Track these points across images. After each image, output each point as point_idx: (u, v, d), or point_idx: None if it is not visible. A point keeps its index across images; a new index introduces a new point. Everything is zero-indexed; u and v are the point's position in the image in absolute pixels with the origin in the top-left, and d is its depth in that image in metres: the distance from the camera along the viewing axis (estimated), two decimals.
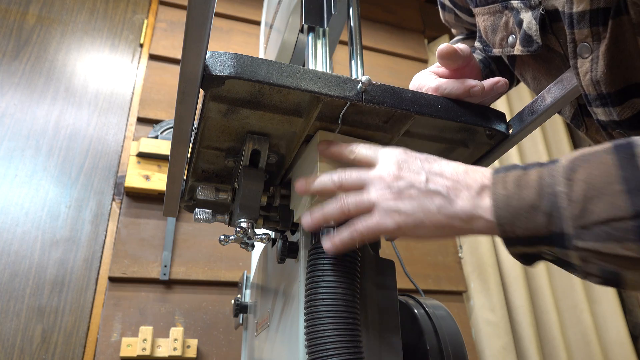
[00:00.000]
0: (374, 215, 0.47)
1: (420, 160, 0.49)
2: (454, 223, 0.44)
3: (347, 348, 0.47)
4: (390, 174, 0.48)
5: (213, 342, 1.34)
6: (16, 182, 1.39)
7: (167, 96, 1.64)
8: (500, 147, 0.63)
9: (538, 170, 0.41)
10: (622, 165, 0.36)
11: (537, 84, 0.61)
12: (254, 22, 1.91)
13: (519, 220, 0.40)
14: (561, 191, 0.38)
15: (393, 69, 2.09)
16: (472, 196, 0.43)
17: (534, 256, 0.42)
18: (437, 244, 1.78)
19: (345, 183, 0.50)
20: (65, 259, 1.34)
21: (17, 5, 1.65)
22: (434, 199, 0.45)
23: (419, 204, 0.45)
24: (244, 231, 0.61)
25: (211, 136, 0.61)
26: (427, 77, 0.62)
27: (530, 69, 0.60)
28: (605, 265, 0.36)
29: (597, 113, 0.47)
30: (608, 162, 0.37)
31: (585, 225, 0.36)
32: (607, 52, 0.42)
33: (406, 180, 0.47)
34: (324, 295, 0.49)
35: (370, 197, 0.48)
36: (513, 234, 0.40)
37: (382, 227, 0.46)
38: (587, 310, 1.79)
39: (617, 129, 0.48)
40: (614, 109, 0.44)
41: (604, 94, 0.44)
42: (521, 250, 0.41)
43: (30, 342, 1.22)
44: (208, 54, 0.47)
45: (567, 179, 0.38)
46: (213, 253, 1.45)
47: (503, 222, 0.41)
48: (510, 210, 0.40)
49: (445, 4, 0.77)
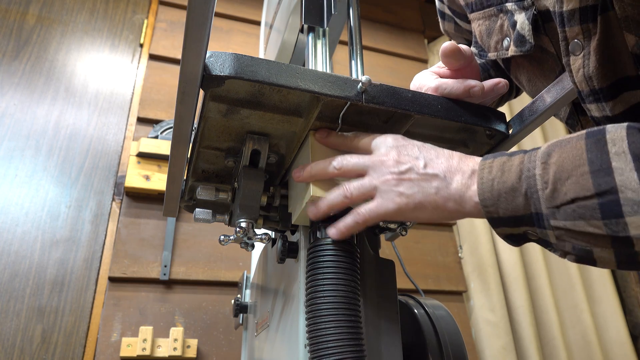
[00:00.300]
0: (376, 199, 0.49)
1: (417, 146, 0.51)
2: (449, 205, 0.46)
3: (350, 346, 0.47)
4: (391, 159, 0.50)
5: (213, 342, 1.34)
6: (16, 182, 1.39)
7: (167, 96, 1.64)
8: (500, 147, 0.63)
9: (521, 156, 0.44)
10: (590, 149, 0.39)
11: (532, 86, 0.61)
12: (254, 22, 1.91)
13: (501, 202, 0.43)
14: (538, 174, 0.41)
15: (393, 69, 2.09)
16: (464, 179, 0.46)
17: (520, 237, 0.44)
18: (437, 244, 1.78)
19: (345, 167, 0.52)
20: (65, 259, 1.34)
21: (17, 5, 1.65)
22: (432, 181, 0.47)
23: (418, 187, 0.47)
24: (244, 231, 0.61)
25: (211, 136, 0.61)
26: (427, 77, 0.62)
27: (525, 72, 0.61)
28: (577, 243, 0.39)
29: (591, 109, 0.48)
30: (579, 147, 0.40)
31: (557, 205, 0.39)
32: (598, 48, 0.44)
33: (406, 164, 0.49)
34: (325, 293, 0.49)
35: (372, 181, 0.50)
36: (497, 214, 0.43)
37: (383, 209, 0.48)
38: (587, 310, 1.79)
39: (611, 124, 0.49)
40: (607, 104, 0.45)
41: (597, 90, 0.45)
42: (506, 231, 0.44)
43: (30, 342, 1.22)
44: (208, 54, 0.47)
45: (543, 163, 0.41)
46: (213, 253, 1.45)
47: (487, 204, 0.44)
48: (494, 192, 0.43)
49: (445, 12, 0.77)
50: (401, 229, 0.71)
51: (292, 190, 0.64)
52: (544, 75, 0.58)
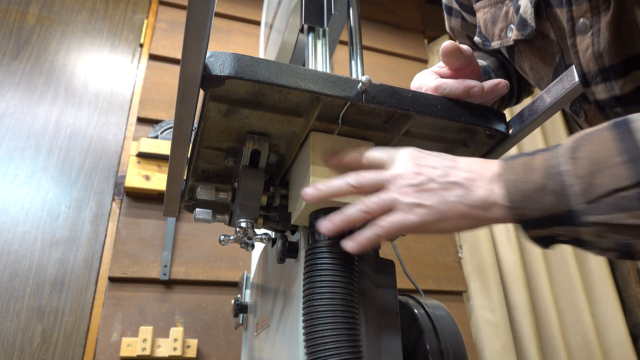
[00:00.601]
0: (397, 212, 0.47)
1: (433, 156, 0.50)
2: (474, 212, 0.45)
3: (347, 348, 0.47)
4: (409, 171, 0.48)
5: (213, 342, 1.34)
6: (16, 182, 1.39)
7: (167, 96, 1.64)
8: (500, 147, 0.63)
9: (542, 154, 0.42)
10: (621, 139, 0.37)
11: (535, 74, 0.62)
12: (254, 22, 1.91)
13: (530, 203, 0.41)
14: (567, 170, 0.39)
15: (393, 69, 2.09)
16: (487, 184, 0.44)
17: (550, 238, 0.42)
18: (437, 244, 1.78)
19: (363, 184, 0.50)
20: (65, 259, 1.34)
21: (17, 5, 1.65)
22: (453, 190, 0.46)
23: (440, 196, 0.46)
24: (244, 231, 0.61)
25: (211, 136, 0.60)
26: (427, 77, 0.62)
27: (527, 59, 0.61)
28: (617, 237, 0.37)
29: (596, 92, 0.48)
30: (608, 138, 0.38)
31: (593, 199, 0.37)
32: (612, 23, 0.43)
33: (425, 175, 0.47)
34: (322, 295, 0.49)
35: (392, 195, 0.48)
36: (525, 216, 0.41)
37: (406, 222, 0.47)
38: (587, 310, 1.79)
39: (616, 106, 0.49)
40: (616, 83, 0.45)
41: (607, 67, 0.45)
42: (536, 233, 0.42)
43: (30, 342, 1.22)
44: (208, 54, 0.47)
45: (571, 158, 0.39)
46: (213, 253, 1.45)
47: (515, 206, 0.42)
48: (520, 194, 0.41)
49: (453, 7, 0.77)
50: None
51: (292, 190, 0.64)
52: (545, 62, 0.58)
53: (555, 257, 1.91)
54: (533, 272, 1.81)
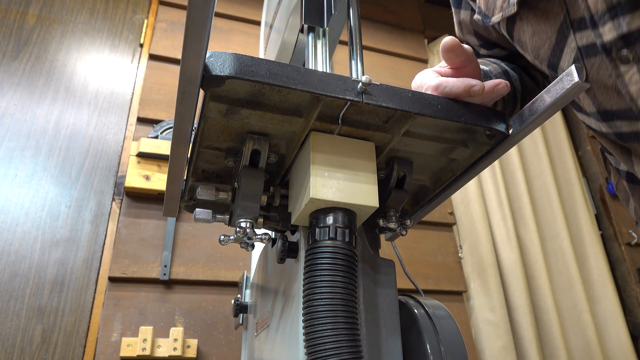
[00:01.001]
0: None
1: None
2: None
3: (347, 348, 0.47)
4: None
5: (213, 342, 1.34)
6: (16, 182, 1.39)
7: (167, 96, 1.64)
8: (500, 147, 0.63)
9: None
10: None
11: (536, 40, 0.62)
12: (254, 22, 1.91)
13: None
14: None
15: (393, 69, 2.09)
16: None
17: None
18: (437, 244, 1.78)
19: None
20: (65, 259, 1.34)
21: (17, 5, 1.65)
22: None
23: None
24: (244, 231, 0.61)
25: (211, 136, 0.60)
26: (428, 76, 0.62)
27: (530, 25, 0.62)
28: None
29: (603, 34, 0.48)
30: None
31: None
32: None
33: None
34: (322, 295, 0.49)
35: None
36: None
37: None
38: (587, 310, 1.79)
39: (623, 47, 0.49)
40: (624, 19, 0.45)
41: (614, 4, 0.46)
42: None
43: (30, 342, 1.22)
44: (208, 54, 0.47)
45: None
46: (213, 253, 1.45)
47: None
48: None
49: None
50: (401, 229, 0.71)
51: (292, 190, 0.64)
52: (549, 23, 0.59)
53: (555, 257, 1.91)
54: (533, 272, 1.81)
